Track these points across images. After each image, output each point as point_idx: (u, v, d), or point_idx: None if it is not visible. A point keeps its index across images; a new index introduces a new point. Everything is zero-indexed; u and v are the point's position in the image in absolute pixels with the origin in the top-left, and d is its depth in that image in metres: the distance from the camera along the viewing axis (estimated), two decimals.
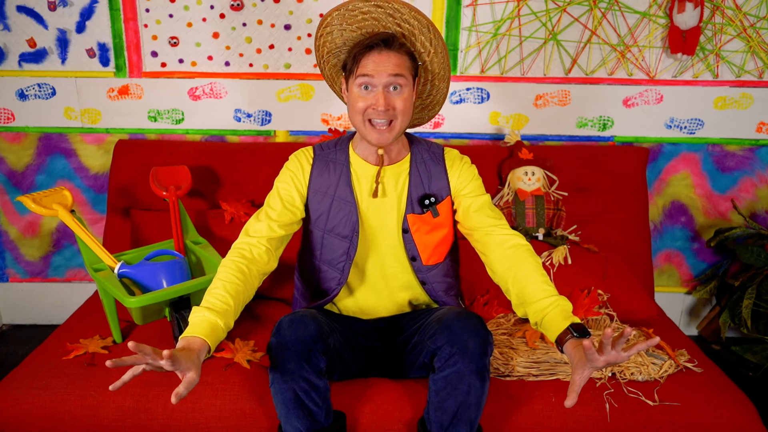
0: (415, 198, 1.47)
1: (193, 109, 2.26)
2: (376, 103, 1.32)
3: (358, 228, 1.46)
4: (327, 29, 1.37)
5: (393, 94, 1.34)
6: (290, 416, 1.28)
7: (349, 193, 1.46)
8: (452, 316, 1.33)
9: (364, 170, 1.47)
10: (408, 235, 1.47)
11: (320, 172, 1.48)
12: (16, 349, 2.31)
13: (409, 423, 1.44)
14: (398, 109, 1.34)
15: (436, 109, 1.53)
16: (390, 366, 1.53)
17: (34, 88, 2.23)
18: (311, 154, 1.50)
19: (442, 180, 1.49)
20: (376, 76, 1.31)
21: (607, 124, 2.28)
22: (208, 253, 1.77)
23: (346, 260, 1.48)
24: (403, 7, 1.29)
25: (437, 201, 1.47)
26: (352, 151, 1.49)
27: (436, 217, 1.47)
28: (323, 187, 1.47)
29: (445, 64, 1.39)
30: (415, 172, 1.48)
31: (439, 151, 1.52)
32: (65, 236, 2.41)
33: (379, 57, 1.31)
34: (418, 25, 1.32)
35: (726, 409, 1.47)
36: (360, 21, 1.33)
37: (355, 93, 1.36)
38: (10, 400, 1.46)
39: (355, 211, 1.46)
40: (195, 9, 2.15)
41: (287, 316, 1.33)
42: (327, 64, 1.47)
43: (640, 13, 2.14)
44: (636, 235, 2.12)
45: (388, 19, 1.32)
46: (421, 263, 1.49)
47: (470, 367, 1.26)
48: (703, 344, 2.42)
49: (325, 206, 1.47)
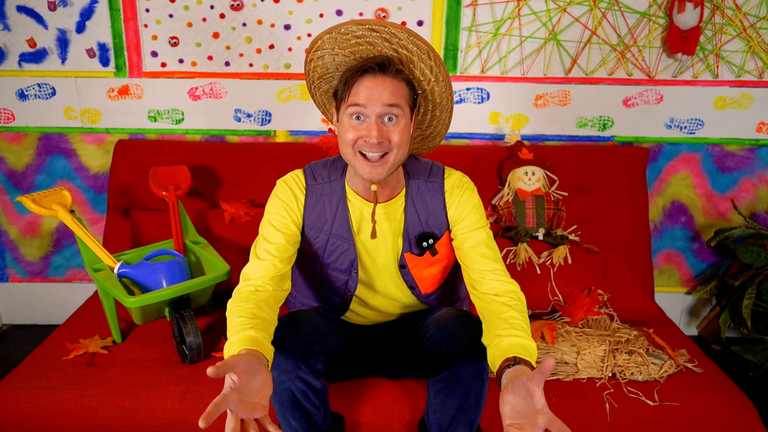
0: (412, 237, 1.38)
1: (193, 109, 2.26)
2: (368, 134, 1.20)
3: (357, 265, 1.40)
4: (318, 53, 1.24)
5: (388, 125, 1.21)
6: (287, 416, 1.27)
7: (346, 231, 1.37)
8: (450, 317, 1.33)
9: (361, 206, 1.37)
10: (405, 270, 1.42)
11: (314, 205, 1.37)
12: (16, 349, 2.31)
13: (408, 424, 1.44)
14: (393, 143, 1.22)
15: (437, 140, 1.41)
16: (389, 366, 1.53)
17: (34, 88, 2.23)
18: (303, 184, 1.38)
19: (440, 215, 1.38)
20: (368, 105, 1.19)
21: (607, 124, 2.28)
22: (208, 253, 1.77)
23: (346, 291, 1.44)
24: (401, 32, 1.17)
25: (436, 240, 1.38)
26: (347, 184, 1.38)
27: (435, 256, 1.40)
28: (319, 223, 1.38)
29: (447, 93, 1.27)
30: (411, 208, 1.37)
31: (438, 179, 1.39)
32: (65, 236, 2.41)
33: (372, 82, 1.19)
34: (417, 51, 1.20)
35: (726, 409, 1.47)
36: (353, 45, 1.21)
37: (345, 123, 1.23)
38: (10, 400, 1.46)
39: (353, 249, 1.39)
40: (195, 9, 2.15)
41: (285, 316, 1.33)
42: (318, 90, 1.34)
43: (640, 13, 2.14)
44: (636, 235, 2.12)
45: (384, 44, 1.20)
46: (420, 293, 1.46)
47: (469, 368, 1.25)
48: (703, 344, 2.42)
49: (321, 242, 1.39)
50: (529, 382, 1.01)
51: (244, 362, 0.99)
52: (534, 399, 1.01)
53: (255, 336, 1.09)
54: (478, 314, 1.30)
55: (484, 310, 1.27)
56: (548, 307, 1.84)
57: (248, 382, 0.99)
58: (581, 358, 1.58)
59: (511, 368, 1.08)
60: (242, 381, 0.98)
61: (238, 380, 0.97)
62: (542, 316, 1.83)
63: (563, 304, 1.82)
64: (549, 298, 1.83)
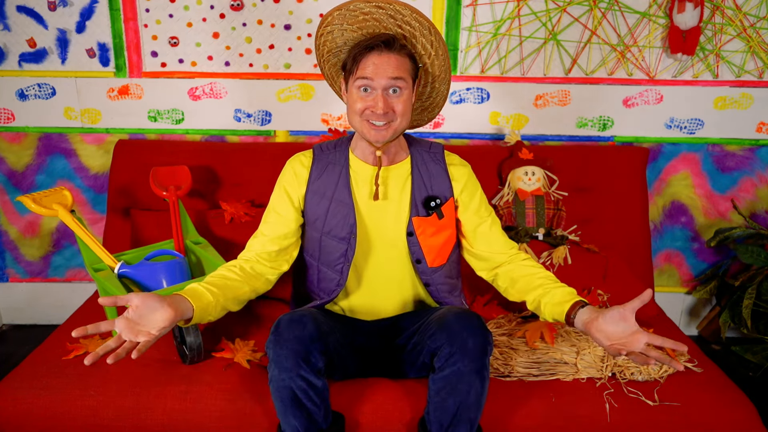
0: (419, 200, 1.46)
1: (193, 109, 2.26)
2: (375, 105, 1.32)
3: (355, 230, 1.45)
4: (327, 28, 1.36)
5: (392, 96, 1.33)
6: (288, 415, 1.28)
7: (347, 195, 1.45)
8: (452, 315, 1.33)
9: (363, 171, 1.47)
10: (413, 238, 1.46)
11: (319, 173, 1.47)
12: (16, 349, 2.31)
13: (409, 423, 1.44)
14: (397, 112, 1.34)
15: (436, 111, 1.53)
16: (390, 366, 1.53)
17: (34, 88, 2.23)
18: (310, 157, 1.50)
19: (444, 181, 1.49)
20: (375, 78, 1.31)
21: (607, 124, 2.28)
22: (208, 253, 1.77)
23: (344, 262, 1.47)
24: (405, 9, 1.29)
25: (442, 202, 1.47)
26: (351, 152, 1.49)
27: (441, 219, 1.46)
28: (321, 189, 1.46)
29: (445, 66, 1.39)
30: (417, 173, 1.48)
31: (438, 151, 1.52)
32: (65, 236, 2.41)
33: (379, 59, 1.31)
34: (419, 27, 1.31)
35: (726, 409, 1.47)
36: (361, 21, 1.33)
37: (354, 94, 1.35)
38: (10, 400, 1.46)
39: (353, 213, 1.45)
40: (195, 9, 2.15)
41: (286, 315, 1.33)
42: (327, 63, 1.46)
43: (640, 13, 2.14)
44: (636, 235, 2.12)
45: (389, 21, 1.32)
46: (426, 266, 1.49)
47: (470, 366, 1.26)
48: (703, 344, 2.42)
49: (322, 208, 1.46)
50: (624, 309, 1.17)
51: (142, 299, 1.12)
52: (629, 323, 1.17)
53: (195, 287, 1.26)
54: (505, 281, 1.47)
55: (514, 273, 1.46)
56: None
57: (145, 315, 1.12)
58: (581, 358, 1.58)
59: (585, 308, 1.26)
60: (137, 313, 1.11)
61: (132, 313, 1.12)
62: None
63: None
64: None
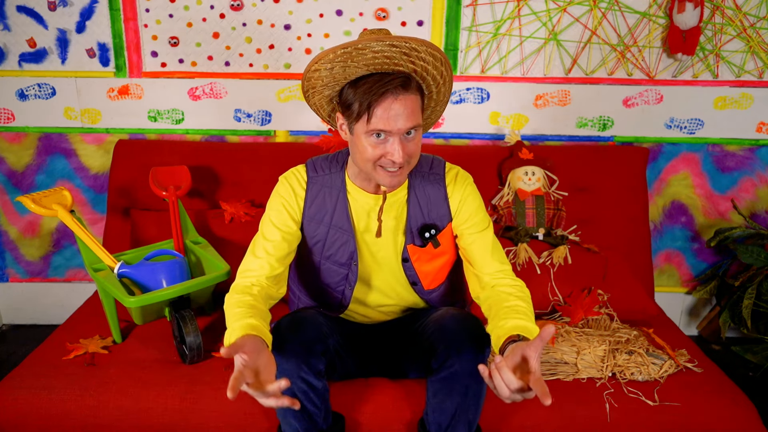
0: (414, 228, 1.40)
1: (193, 109, 2.26)
2: (392, 153, 1.21)
3: (356, 257, 1.41)
4: (327, 65, 1.20)
5: (407, 140, 1.23)
6: (288, 416, 1.28)
7: (346, 222, 1.39)
8: (449, 317, 1.33)
9: (362, 199, 1.39)
10: (408, 264, 1.43)
11: (314, 197, 1.39)
12: (16, 349, 2.31)
13: (408, 424, 1.44)
14: (412, 155, 1.25)
15: (429, 126, 1.44)
16: (389, 366, 1.53)
17: (34, 88, 2.23)
18: (304, 178, 1.40)
19: (442, 207, 1.40)
20: (394, 130, 1.20)
21: (607, 124, 2.28)
22: (208, 253, 1.77)
23: (346, 285, 1.45)
24: (421, 45, 1.17)
25: (438, 231, 1.40)
26: (348, 177, 1.40)
27: (437, 248, 1.42)
28: (319, 215, 1.39)
29: (448, 90, 1.31)
30: (413, 200, 1.40)
31: (439, 171, 1.41)
32: (65, 236, 2.41)
33: (395, 104, 1.19)
34: (432, 60, 1.20)
35: (726, 409, 1.47)
36: (370, 59, 1.19)
37: (363, 140, 1.23)
38: (10, 400, 1.46)
39: (353, 241, 1.40)
40: (195, 9, 2.15)
41: (287, 316, 1.33)
42: (319, 94, 1.30)
43: (640, 13, 2.14)
44: (636, 235, 2.12)
45: (403, 58, 1.19)
46: (423, 288, 1.47)
47: (468, 367, 1.25)
48: (703, 344, 2.42)
49: (321, 234, 1.40)
50: (527, 348, 1.04)
51: (250, 342, 1.05)
52: (529, 364, 1.03)
53: (254, 323, 1.14)
54: (484, 310, 1.33)
55: (490, 300, 1.31)
56: (548, 307, 1.84)
57: (256, 360, 1.05)
58: (581, 358, 1.58)
59: (514, 344, 1.10)
60: (251, 359, 1.03)
61: (248, 358, 1.03)
62: (542, 316, 1.83)
63: (563, 304, 1.82)
64: (549, 298, 1.83)
